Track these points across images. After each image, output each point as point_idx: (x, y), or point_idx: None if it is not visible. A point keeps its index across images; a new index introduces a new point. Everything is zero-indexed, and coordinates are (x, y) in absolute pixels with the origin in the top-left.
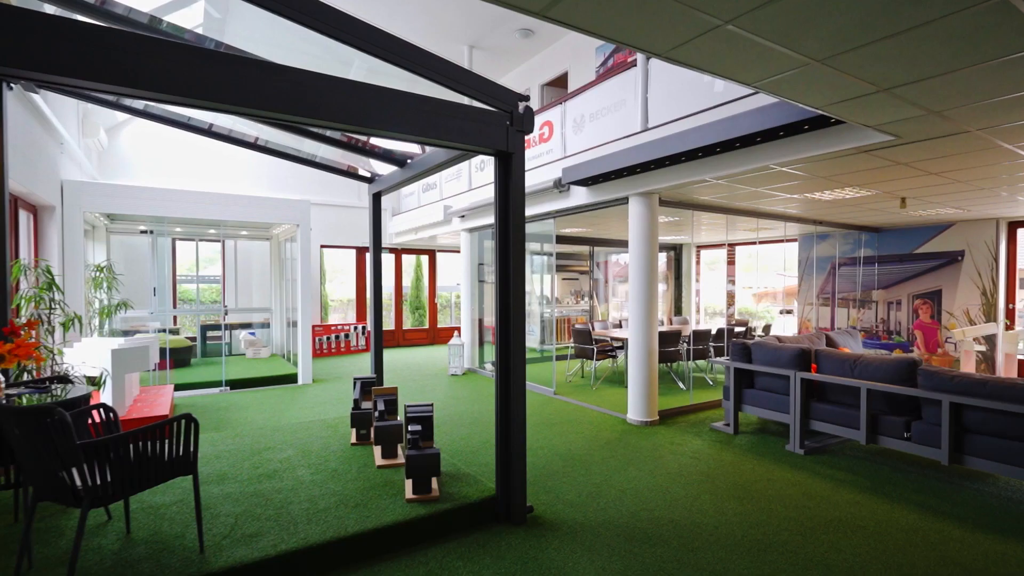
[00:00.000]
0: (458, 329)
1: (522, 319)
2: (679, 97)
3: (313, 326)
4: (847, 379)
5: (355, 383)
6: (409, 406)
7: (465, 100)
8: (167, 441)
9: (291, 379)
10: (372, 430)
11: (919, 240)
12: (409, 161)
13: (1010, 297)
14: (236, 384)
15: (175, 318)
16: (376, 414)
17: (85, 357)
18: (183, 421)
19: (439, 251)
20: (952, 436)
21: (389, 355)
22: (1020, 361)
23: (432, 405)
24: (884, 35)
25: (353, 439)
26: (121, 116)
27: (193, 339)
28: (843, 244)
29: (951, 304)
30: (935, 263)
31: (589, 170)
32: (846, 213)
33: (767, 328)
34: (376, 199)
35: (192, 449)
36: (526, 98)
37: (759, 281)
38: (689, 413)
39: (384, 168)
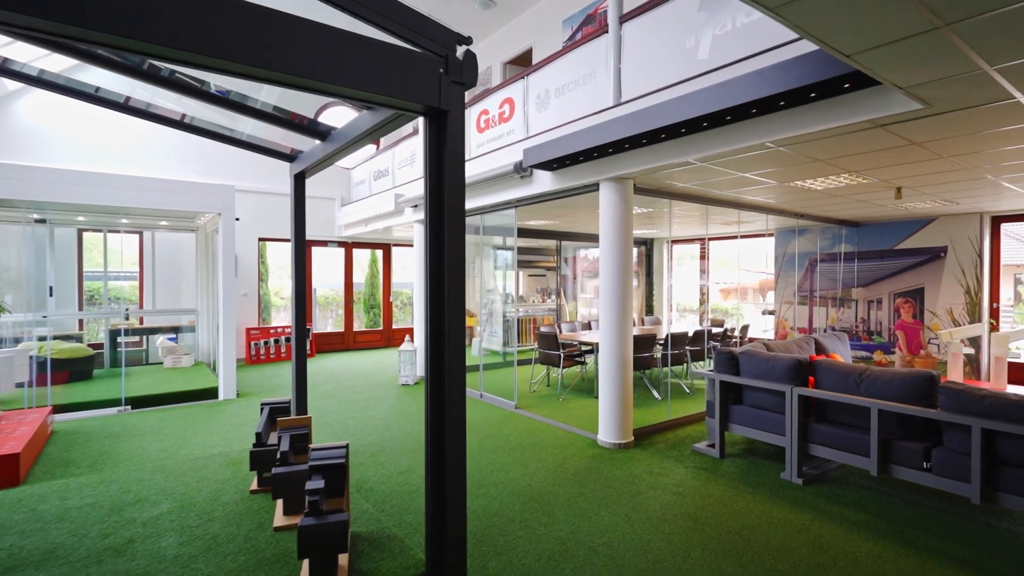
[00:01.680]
0: (410, 332)
1: (462, 329)
2: (657, 67)
3: (248, 329)
4: (854, 397)
5: (262, 409)
6: (315, 450)
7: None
8: None
9: (211, 394)
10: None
11: (900, 235)
12: (332, 132)
13: (994, 296)
14: (139, 402)
15: (81, 322)
16: (278, 456)
17: None
18: None
19: (395, 245)
20: (983, 469)
21: (336, 360)
22: (1011, 364)
23: (346, 447)
24: None
25: (254, 485)
26: (12, 85)
27: (99, 347)
28: (821, 239)
29: (934, 303)
30: (917, 260)
31: (554, 151)
32: (830, 205)
33: (744, 329)
34: (299, 181)
35: None
36: (468, 40)
37: (727, 277)
38: (667, 430)
39: (307, 144)
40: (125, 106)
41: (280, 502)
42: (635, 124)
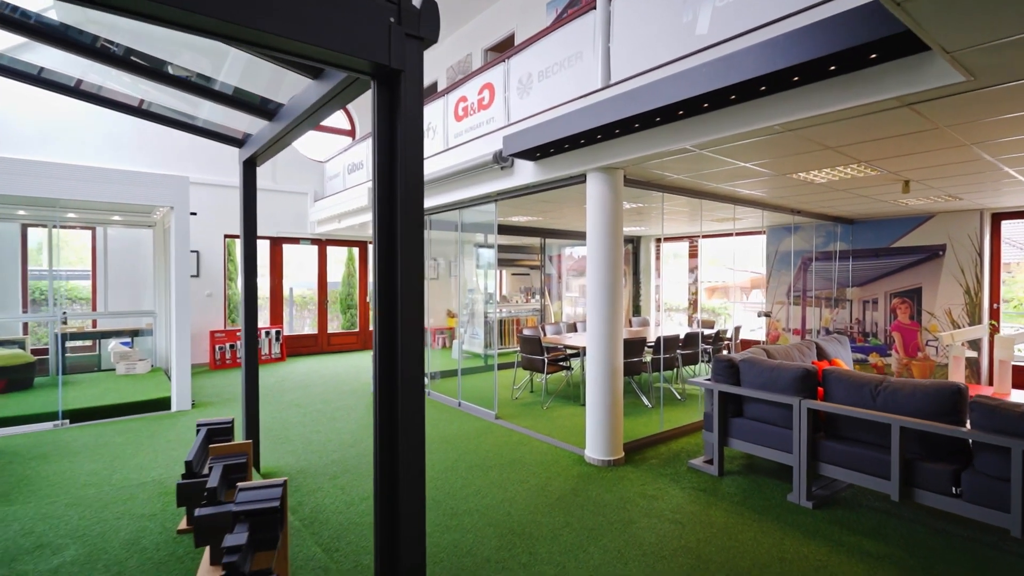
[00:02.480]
0: (371, 337)
1: (419, 332)
2: (650, 46)
3: (213, 332)
4: (872, 413)
5: (198, 430)
6: (243, 490)
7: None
8: None
9: (162, 405)
10: None
11: (896, 233)
12: (280, 110)
13: (994, 296)
14: (80, 415)
15: (25, 326)
16: (205, 492)
17: None
18: None
19: (372, 243)
20: None
21: (307, 365)
22: (1016, 368)
23: (283, 485)
24: None
25: (183, 524)
26: None
27: (42, 352)
28: (815, 237)
29: (932, 304)
30: (914, 258)
31: (536, 137)
32: (828, 201)
33: (736, 331)
34: (248, 168)
35: None
36: None
37: (714, 276)
38: (660, 443)
39: (255, 126)
40: (75, 90)
41: (207, 549)
42: (627, 106)
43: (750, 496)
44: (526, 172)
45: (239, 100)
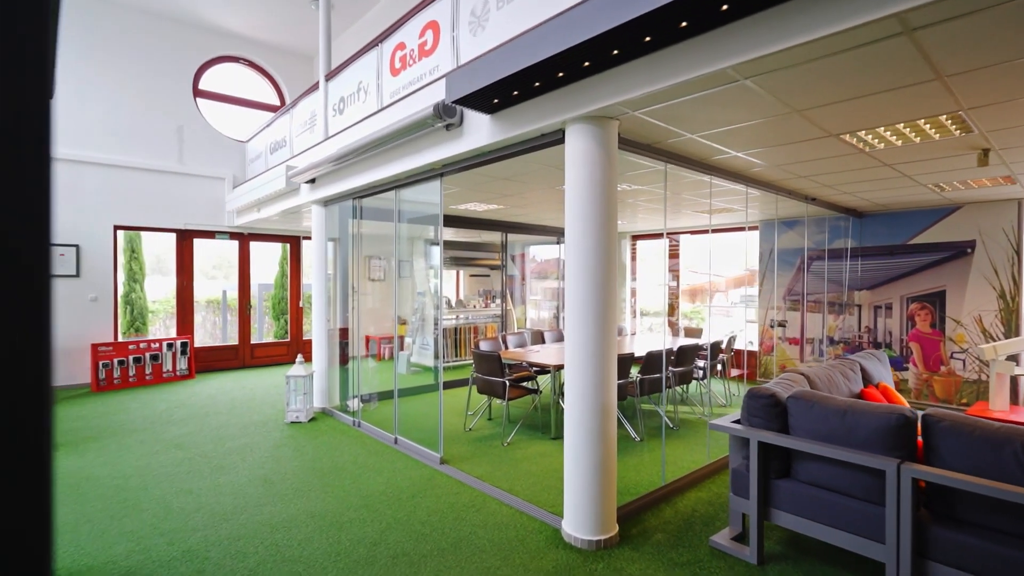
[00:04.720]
0: (304, 348)
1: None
2: None
3: (96, 345)
4: None
5: None
6: None
7: None
8: None
9: None
10: None
11: (914, 228)
12: None
13: None
14: None
15: None
16: None
17: None
18: None
19: (305, 238)
20: None
21: (219, 384)
22: None
23: None
24: None
25: None
26: None
27: None
28: (817, 233)
29: (958, 310)
30: (936, 257)
31: (492, 71)
32: (856, 185)
33: (731, 340)
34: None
35: None
36: None
37: (701, 277)
38: (662, 501)
39: None
40: None
41: None
42: (633, 5)
43: None
44: (480, 131)
45: None
